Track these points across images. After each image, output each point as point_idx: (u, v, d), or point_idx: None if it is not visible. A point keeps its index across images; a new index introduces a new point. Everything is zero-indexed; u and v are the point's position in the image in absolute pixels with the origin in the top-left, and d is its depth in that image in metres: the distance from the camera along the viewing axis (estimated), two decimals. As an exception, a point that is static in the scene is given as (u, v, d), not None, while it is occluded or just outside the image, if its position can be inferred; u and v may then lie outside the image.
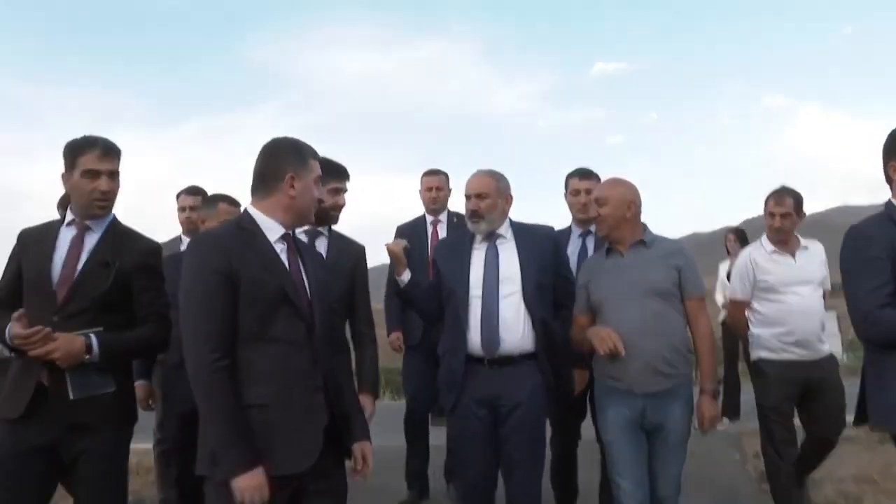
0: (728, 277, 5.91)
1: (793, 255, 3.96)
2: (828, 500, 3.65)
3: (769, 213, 3.95)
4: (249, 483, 2.03)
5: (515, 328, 3.14)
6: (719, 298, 6.85)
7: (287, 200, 2.27)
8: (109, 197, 2.66)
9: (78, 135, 2.63)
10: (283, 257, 2.27)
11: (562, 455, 3.95)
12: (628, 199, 3.18)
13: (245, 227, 2.24)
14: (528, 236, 3.30)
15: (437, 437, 4.07)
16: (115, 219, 2.73)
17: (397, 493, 4.48)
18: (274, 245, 2.25)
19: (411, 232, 4.51)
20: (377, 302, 3.95)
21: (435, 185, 4.65)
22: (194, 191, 4.22)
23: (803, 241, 4.01)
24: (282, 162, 2.29)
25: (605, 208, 3.16)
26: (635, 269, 3.15)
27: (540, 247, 3.29)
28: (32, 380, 2.50)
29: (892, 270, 2.35)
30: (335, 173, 3.07)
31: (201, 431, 2.13)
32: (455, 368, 3.20)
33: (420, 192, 4.73)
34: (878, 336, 2.38)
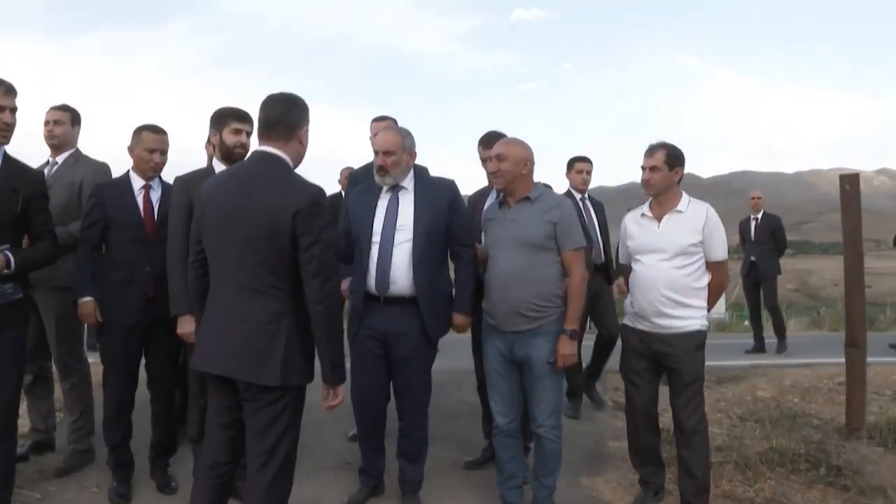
0: None
1: (660, 219, 3.67)
2: (663, 426, 4.06)
3: (641, 167, 3.72)
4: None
5: (406, 273, 3.54)
6: None
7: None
8: (10, 129, 3.19)
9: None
10: None
11: (480, 379, 4.27)
12: (524, 157, 3.57)
13: None
14: (427, 189, 3.68)
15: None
16: (5, 150, 3.23)
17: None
18: None
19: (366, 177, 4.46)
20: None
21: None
22: (62, 107, 4.33)
23: (682, 205, 3.65)
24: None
25: (505, 163, 3.55)
26: (515, 223, 3.55)
27: (436, 198, 3.65)
28: None
29: None
30: (235, 116, 3.59)
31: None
32: (356, 304, 3.68)
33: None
34: None
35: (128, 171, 3.90)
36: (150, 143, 3.80)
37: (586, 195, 5.73)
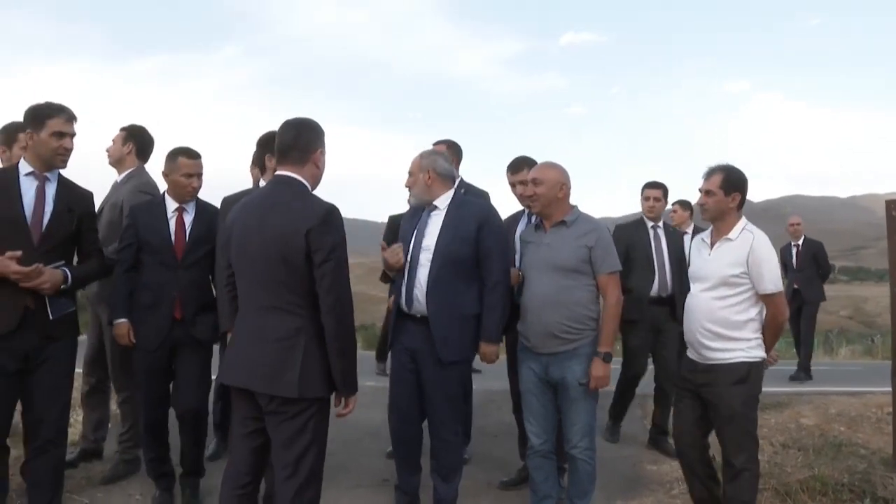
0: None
1: (712, 246, 3.50)
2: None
3: (698, 190, 3.54)
4: None
5: (425, 292, 3.60)
6: None
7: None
8: (69, 154, 3.33)
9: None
10: None
11: (516, 400, 4.28)
12: (561, 181, 3.60)
13: None
14: (458, 212, 3.68)
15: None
16: (59, 172, 3.38)
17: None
18: None
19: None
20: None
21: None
22: (122, 127, 4.46)
23: (734, 233, 3.43)
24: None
25: (541, 187, 3.58)
26: (550, 247, 3.59)
27: (463, 220, 3.65)
28: (21, 303, 3.16)
29: None
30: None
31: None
32: (395, 320, 3.82)
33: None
34: None
35: (163, 193, 3.95)
36: (188, 169, 3.83)
37: (660, 223, 5.46)
